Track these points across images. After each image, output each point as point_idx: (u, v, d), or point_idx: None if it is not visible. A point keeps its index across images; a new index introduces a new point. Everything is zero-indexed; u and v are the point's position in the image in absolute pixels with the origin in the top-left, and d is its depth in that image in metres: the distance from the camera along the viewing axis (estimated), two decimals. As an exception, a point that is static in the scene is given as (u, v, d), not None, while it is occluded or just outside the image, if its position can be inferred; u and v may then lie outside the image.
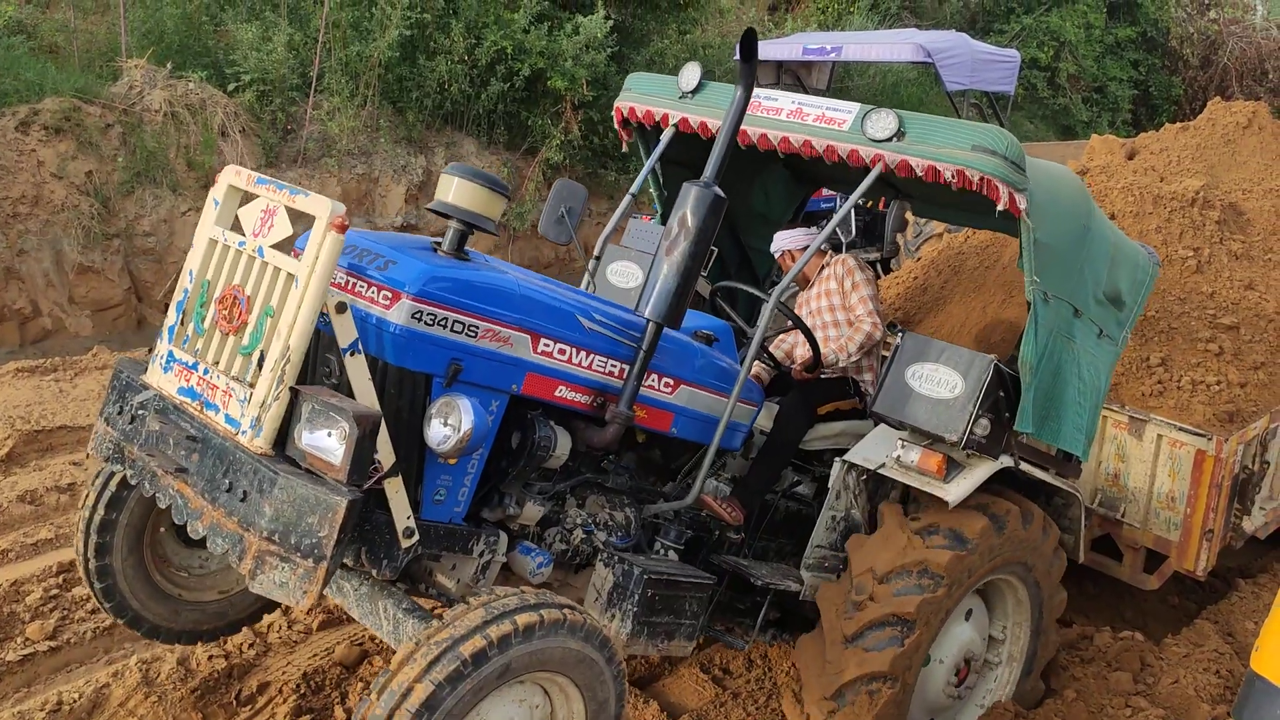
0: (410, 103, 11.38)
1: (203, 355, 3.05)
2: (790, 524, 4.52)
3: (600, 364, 3.53)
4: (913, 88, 16.70)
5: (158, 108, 9.57)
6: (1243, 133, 6.69)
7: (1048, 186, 3.87)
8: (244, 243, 3.01)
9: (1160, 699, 4.62)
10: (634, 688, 4.57)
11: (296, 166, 10.56)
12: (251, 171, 3.08)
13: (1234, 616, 5.39)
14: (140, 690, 4.09)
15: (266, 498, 2.74)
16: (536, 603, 2.88)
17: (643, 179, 4.64)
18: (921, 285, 5.94)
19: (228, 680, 4.26)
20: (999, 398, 3.90)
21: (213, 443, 2.91)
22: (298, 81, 10.75)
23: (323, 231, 2.78)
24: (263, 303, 2.91)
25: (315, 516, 2.70)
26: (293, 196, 2.91)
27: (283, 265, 2.89)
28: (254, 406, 2.83)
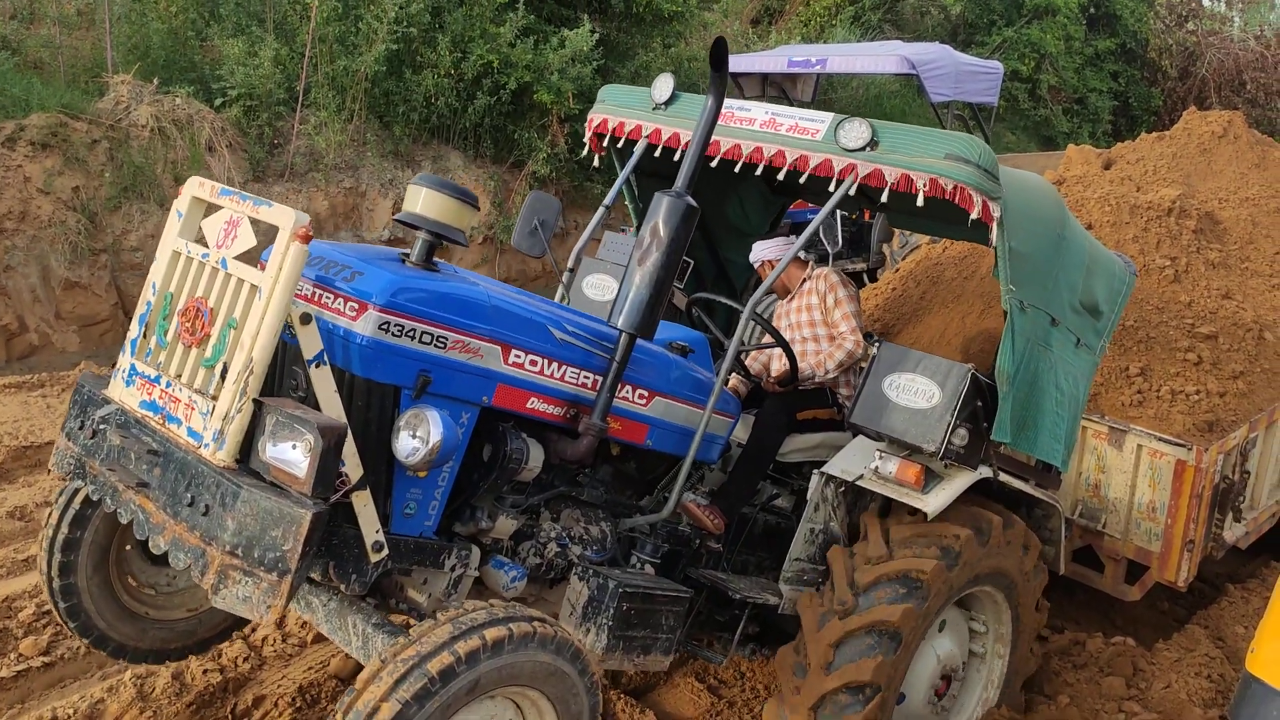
0: (397, 117, 11.39)
1: (165, 368, 3.00)
2: (769, 537, 4.49)
3: (573, 375, 3.50)
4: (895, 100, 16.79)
5: (144, 123, 9.57)
6: (1218, 142, 6.72)
7: (1021, 195, 3.86)
8: (207, 254, 2.97)
9: (1153, 704, 4.65)
10: (630, 697, 4.58)
11: (283, 181, 10.56)
12: (215, 183, 3.04)
13: (1224, 621, 5.43)
14: (135, 705, 4.06)
15: (229, 511, 2.69)
16: (505, 616, 2.84)
17: (616, 191, 4.63)
18: (900, 296, 5.93)
19: (223, 694, 4.25)
20: (977, 407, 3.88)
21: (175, 456, 2.86)
22: (284, 96, 10.75)
23: (286, 242, 2.75)
24: (226, 315, 2.88)
25: (279, 530, 2.66)
26: (256, 207, 2.88)
27: (246, 276, 2.85)
28: (216, 419, 2.79)
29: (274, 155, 10.67)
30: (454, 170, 11.76)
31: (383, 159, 11.30)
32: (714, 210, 5.48)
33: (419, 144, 11.77)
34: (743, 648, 4.34)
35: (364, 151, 11.16)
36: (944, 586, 3.85)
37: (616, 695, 4.59)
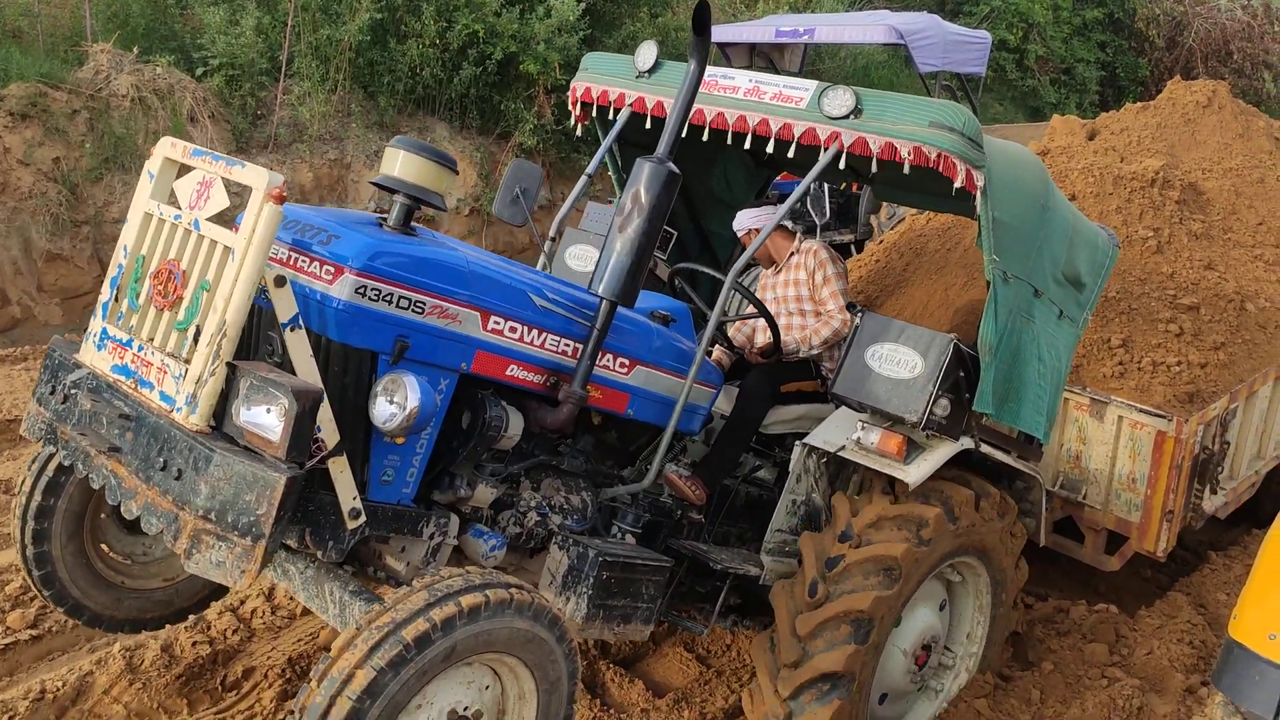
0: (382, 87, 11.28)
1: (137, 332, 2.96)
2: (751, 509, 4.49)
3: (553, 343, 3.47)
4: (883, 70, 16.71)
5: (125, 93, 9.45)
6: (1202, 112, 6.70)
7: (1005, 165, 3.84)
8: (179, 216, 2.92)
9: (1135, 669, 4.70)
10: (619, 667, 4.60)
11: (267, 152, 10.45)
12: (187, 143, 2.99)
13: (1205, 588, 5.49)
14: (124, 678, 4.04)
15: (202, 476, 2.66)
16: (482, 583, 2.82)
17: (599, 160, 4.58)
18: (883, 267, 5.91)
19: (212, 666, 4.24)
20: (959, 378, 3.87)
21: (147, 421, 2.83)
22: (267, 66, 10.62)
23: (259, 203, 2.70)
24: (199, 277, 2.83)
25: (253, 494, 2.63)
26: (229, 168, 2.83)
27: (219, 238, 2.81)
28: (189, 383, 2.75)
29: (257, 126, 10.55)
30: (440, 141, 11.64)
31: (368, 130, 11.19)
32: (698, 182, 5.44)
33: (404, 115, 11.65)
34: (724, 619, 4.34)
35: (348, 122, 11.04)
36: (920, 564, 3.85)
37: (605, 665, 4.61)
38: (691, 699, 4.44)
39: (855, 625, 3.66)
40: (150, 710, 3.97)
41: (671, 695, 4.45)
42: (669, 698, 4.43)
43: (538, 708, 3.02)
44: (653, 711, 4.33)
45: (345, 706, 2.53)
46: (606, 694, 4.48)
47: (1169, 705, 4.43)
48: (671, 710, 4.34)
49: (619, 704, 4.41)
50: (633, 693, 4.45)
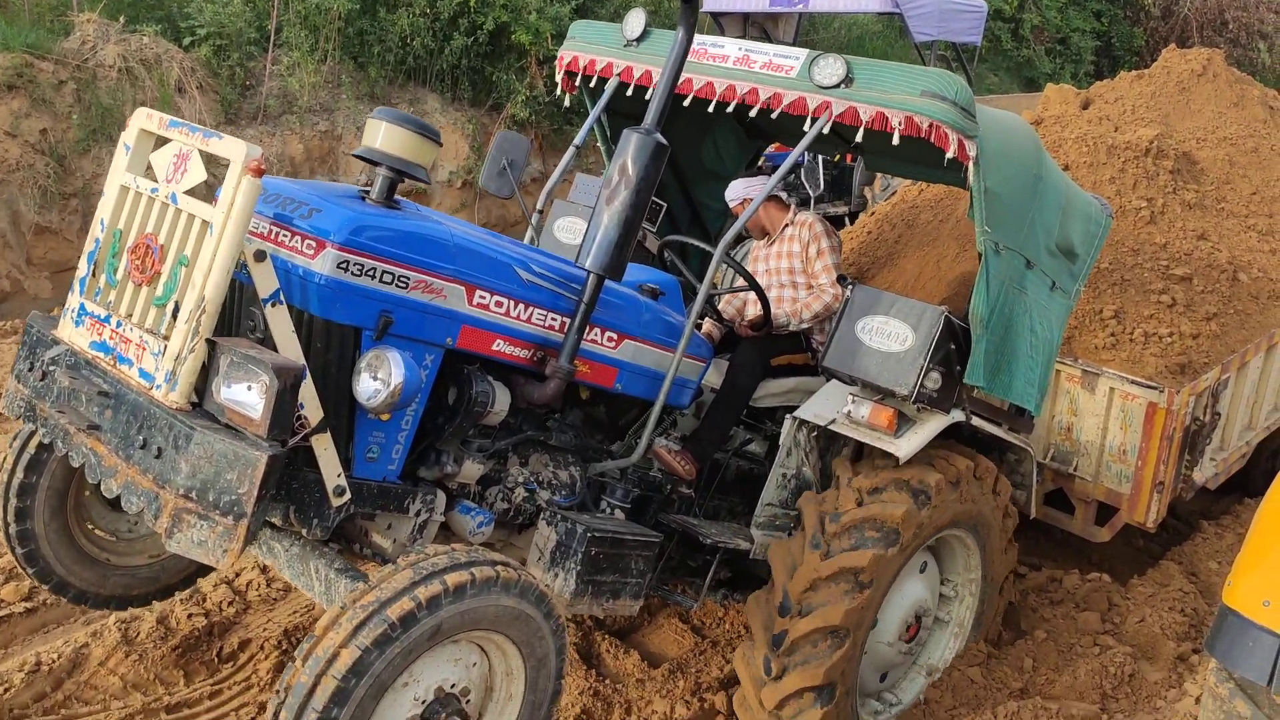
0: (372, 58, 11.15)
1: (115, 308, 2.91)
2: (741, 483, 4.46)
3: (540, 317, 3.43)
4: (877, 41, 16.56)
5: (111, 63, 9.32)
6: (1197, 80, 6.64)
7: (998, 134, 3.79)
8: (156, 189, 2.87)
9: (1127, 637, 4.73)
10: (614, 638, 4.61)
11: (256, 124, 10.34)
12: (164, 115, 2.93)
13: (1197, 557, 5.52)
14: (120, 649, 4.04)
15: (183, 454, 2.63)
16: (468, 561, 2.79)
17: (586, 131, 4.51)
18: (875, 239, 5.87)
19: (208, 638, 4.24)
20: (950, 350, 3.84)
21: (126, 398, 2.79)
22: (255, 35, 10.49)
23: (237, 176, 2.65)
24: (177, 251, 2.78)
25: (234, 472, 2.59)
26: (206, 140, 2.78)
27: (197, 212, 2.75)
28: (168, 359, 2.70)
29: (246, 97, 10.42)
30: (431, 113, 11.54)
31: (358, 101, 11.06)
32: (688, 153, 5.38)
33: (395, 86, 11.53)
34: (714, 593, 4.33)
35: (339, 93, 10.92)
36: (917, 531, 3.84)
37: (601, 636, 4.62)
38: (687, 669, 4.47)
39: (853, 582, 3.66)
40: (147, 682, 3.98)
41: (667, 666, 4.47)
42: (664, 668, 4.45)
43: (525, 684, 3.01)
44: (648, 682, 4.35)
45: (330, 686, 2.52)
46: (602, 665, 4.49)
47: (1160, 672, 4.47)
48: (667, 680, 4.36)
49: (614, 674, 4.43)
50: (628, 663, 4.47)
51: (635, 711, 4.18)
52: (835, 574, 3.68)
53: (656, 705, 4.19)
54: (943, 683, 4.34)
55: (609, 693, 4.24)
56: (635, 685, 4.34)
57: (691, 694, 4.29)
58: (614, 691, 4.26)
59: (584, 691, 4.19)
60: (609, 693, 4.24)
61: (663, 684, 4.33)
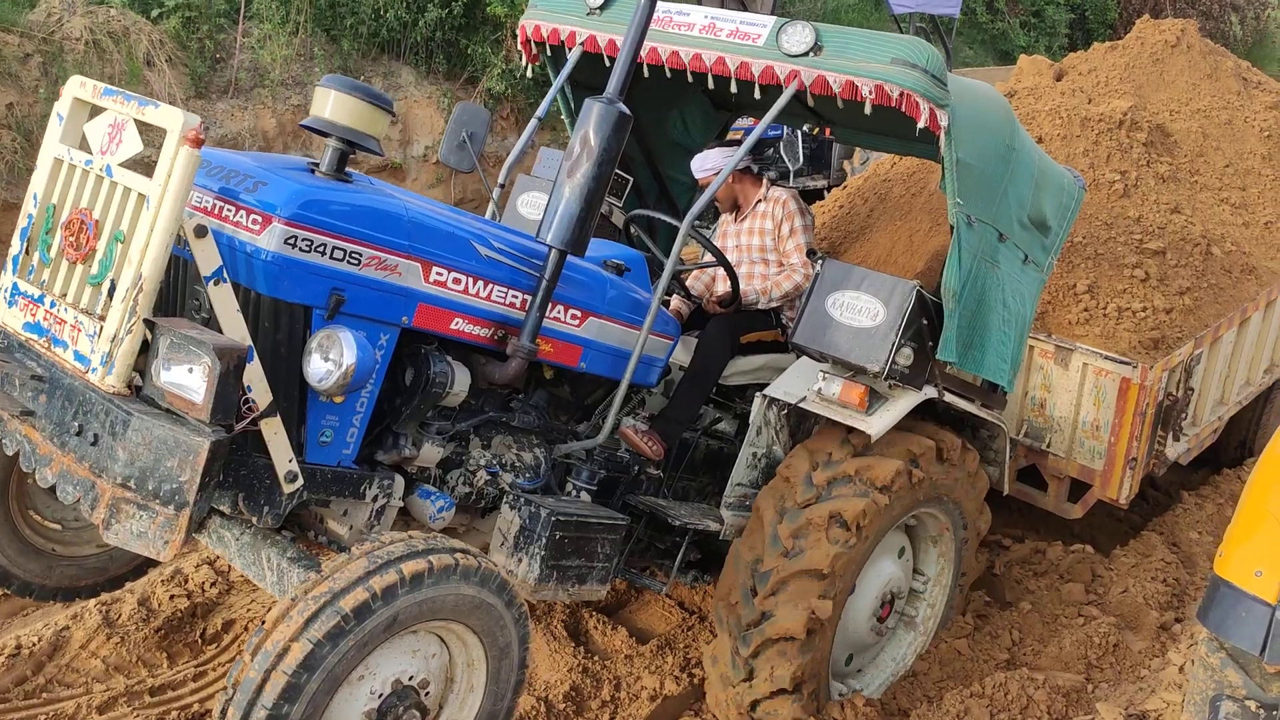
0: (345, 30, 10.94)
1: (49, 287, 2.77)
2: (711, 462, 4.38)
3: (500, 294, 3.31)
4: (853, 14, 16.45)
5: (79, 36, 9.08)
6: (1171, 52, 6.58)
7: (970, 104, 3.70)
8: (91, 161, 2.72)
9: (1111, 608, 4.76)
10: (601, 614, 4.58)
11: (228, 97, 10.13)
12: (98, 83, 2.78)
13: (1178, 527, 5.57)
14: (101, 632, 3.95)
15: (120, 440, 2.50)
16: (425, 548, 2.69)
17: (549, 102, 4.38)
18: (848, 213, 5.77)
19: (191, 619, 4.17)
20: (922, 326, 3.76)
21: (61, 382, 2.65)
22: (225, 7, 10.28)
23: (175, 146, 2.51)
24: (113, 227, 2.65)
25: (175, 460, 2.47)
26: (142, 108, 2.63)
27: (133, 185, 2.62)
28: (104, 341, 2.57)
29: (217, 70, 10.20)
30: (405, 86, 11.36)
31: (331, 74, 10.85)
32: (655, 126, 5.26)
33: (368, 59, 11.32)
34: (684, 574, 4.25)
35: (311, 67, 10.69)
36: (882, 517, 3.77)
37: (588, 613, 4.59)
38: (675, 645, 4.44)
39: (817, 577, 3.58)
40: (129, 664, 3.90)
41: (655, 642, 4.45)
42: (652, 644, 4.43)
43: (487, 675, 2.92)
44: (636, 658, 4.33)
45: (280, 681, 2.41)
46: (590, 642, 4.47)
47: (1144, 642, 4.51)
48: (655, 656, 4.34)
49: (602, 651, 4.40)
50: (616, 640, 4.44)
51: (624, 688, 4.16)
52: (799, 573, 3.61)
53: (646, 681, 4.18)
54: (930, 655, 4.35)
55: (598, 669, 4.22)
56: (624, 662, 4.32)
57: (680, 669, 4.27)
58: (603, 668, 4.24)
59: (573, 669, 4.16)
60: (598, 669, 4.22)
61: (651, 660, 4.32)
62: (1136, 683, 4.15)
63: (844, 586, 3.73)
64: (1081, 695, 4.08)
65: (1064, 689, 4.07)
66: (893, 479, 3.75)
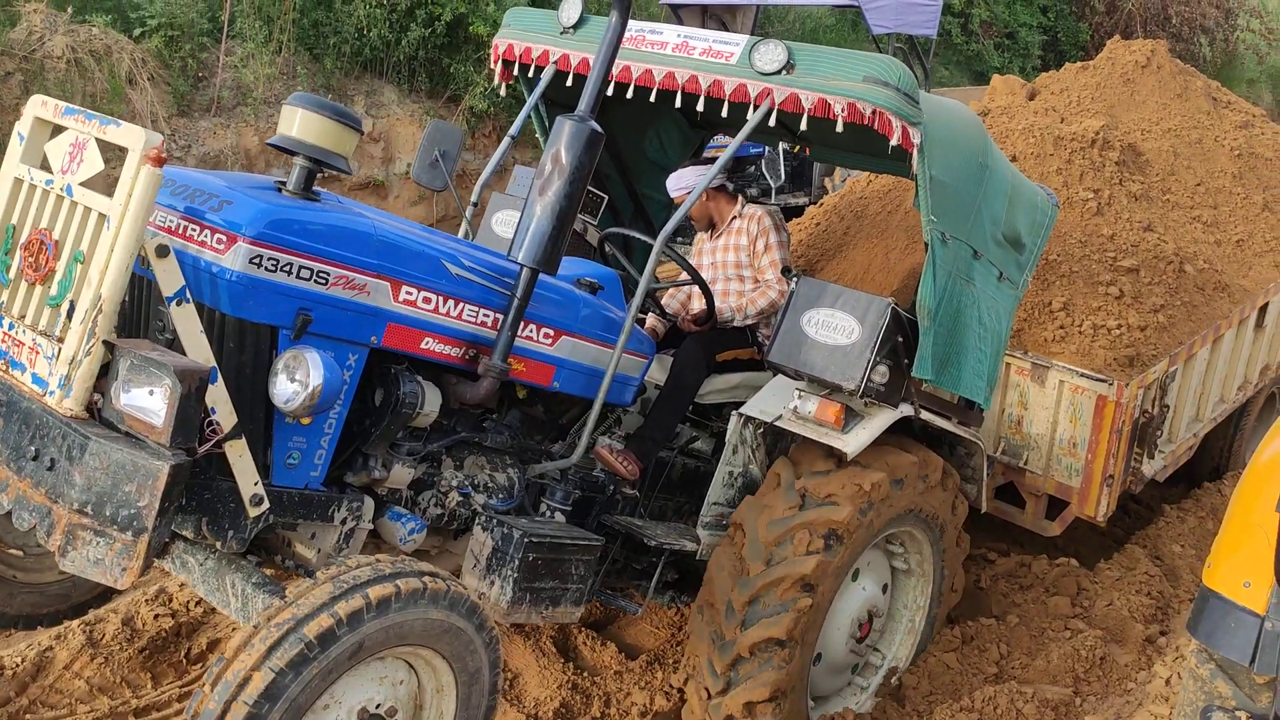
0: (328, 49, 10.93)
1: (7, 309, 2.72)
2: (688, 481, 4.35)
3: (471, 313, 3.27)
4: (831, 35, 16.58)
5: (60, 54, 9.03)
6: (1141, 72, 6.64)
7: (943, 121, 3.70)
8: (51, 181, 2.67)
9: (1096, 620, 4.79)
10: (591, 630, 4.59)
11: (210, 116, 10.10)
12: (60, 102, 2.73)
13: (1161, 540, 5.60)
14: (85, 652, 3.90)
15: (77, 465, 2.44)
16: (392, 572, 2.64)
17: (522, 121, 4.37)
18: (824, 231, 5.78)
19: (176, 639, 4.12)
20: (898, 343, 3.75)
21: (18, 405, 2.59)
22: (208, 26, 10.25)
23: (136, 165, 2.47)
24: (72, 247, 2.60)
25: (133, 484, 2.41)
26: (104, 127, 2.59)
27: (94, 205, 2.57)
28: (63, 363, 2.52)
29: (199, 89, 10.16)
30: (388, 104, 11.35)
31: (314, 93, 10.80)
32: (631, 145, 5.25)
33: (351, 78, 11.31)
34: (662, 595, 4.21)
35: (294, 85, 10.67)
36: (861, 532, 3.75)
37: (578, 629, 4.57)
38: (664, 661, 4.42)
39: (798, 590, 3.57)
40: (113, 684, 3.84)
41: (644, 657, 4.43)
42: (642, 660, 4.41)
43: (457, 701, 2.86)
44: (626, 674, 4.32)
45: (241, 712, 2.35)
46: (579, 657, 4.44)
47: (1130, 655, 4.53)
48: (645, 672, 4.32)
49: (592, 667, 4.38)
50: (605, 655, 4.42)
51: (614, 704, 4.13)
52: (778, 583, 3.58)
53: (635, 697, 4.16)
54: (918, 669, 4.34)
55: (587, 685, 4.20)
56: (613, 678, 4.30)
57: (670, 685, 4.24)
58: (592, 684, 4.22)
59: (562, 685, 4.14)
60: (587, 685, 4.20)
61: (641, 675, 4.30)
62: (1124, 695, 4.16)
63: (826, 597, 3.69)
64: (1070, 708, 4.08)
65: (1052, 702, 4.06)
66: (874, 490, 3.73)
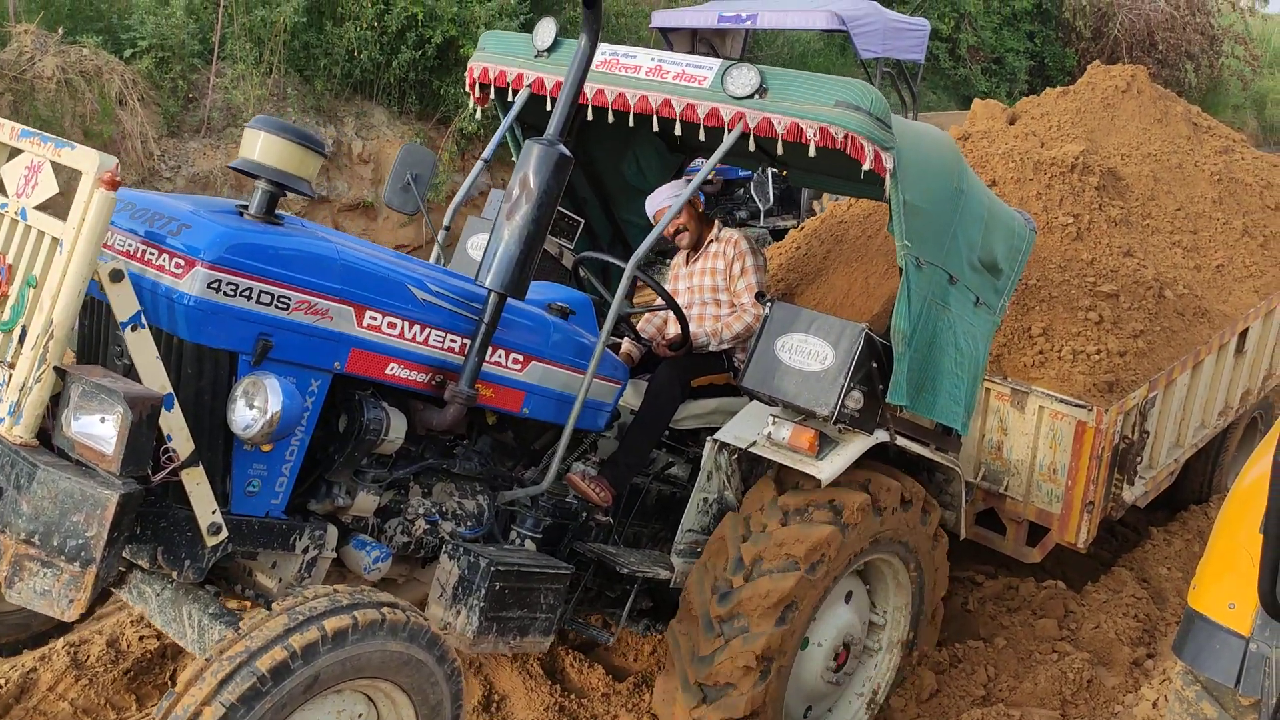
0: (318, 71, 10.93)
1: (-41, 334, 2.67)
2: (663, 508, 4.31)
3: (438, 339, 3.24)
4: (819, 59, 16.66)
5: (50, 75, 8.99)
6: (1122, 97, 6.65)
7: (916, 146, 3.69)
8: (5, 204, 2.64)
9: (1084, 643, 4.80)
10: (578, 652, 4.56)
11: (200, 136, 10.09)
12: (16, 125, 2.70)
13: (1148, 563, 5.61)
14: (70, 674, 3.87)
15: (24, 494, 2.39)
16: (350, 603, 2.59)
17: (495, 144, 4.35)
18: (804, 255, 5.75)
19: (161, 660, 4.08)
20: (872, 369, 3.72)
21: (-33, 433, 2.54)
22: (199, 48, 10.25)
23: (89, 189, 2.43)
24: (25, 272, 2.56)
25: (81, 514, 2.36)
26: (59, 150, 2.56)
27: (47, 229, 2.53)
28: (13, 390, 2.47)
29: (189, 109, 10.16)
30: (378, 126, 11.37)
31: (304, 114, 10.83)
32: (610, 169, 5.24)
33: (341, 99, 11.32)
34: (636, 623, 4.16)
35: (284, 106, 10.67)
36: (839, 556, 3.71)
37: (564, 650, 4.54)
38: (652, 682, 4.36)
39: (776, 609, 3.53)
40: (98, 707, 3.80)
41: (632, 679, 4.40)
42: (629, 682, 4.38)
43: (417, 734, 2.80)
44: (613, 696, 4.28)
45: (190, 747, 2.29)
46: (566, 680, 4.40)
47: (1117, 677, 4.52)
48: (632, 694, 4.28)
49: (579, 689, 4.34)
50: (592, 677, 4.39)
51: None
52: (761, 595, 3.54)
53: (623, 719, 4.13)
54: (906, 691, 4.31)
55: (574, 708, 4.16)
56: (600, 700, 4.26)
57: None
58: (579, 706, 4.18)
59: (549, 707, 4.11)
60: (574, 708, 4.16)
61: (628, 698, 4.27)
62: (1111, 718, 4.16)
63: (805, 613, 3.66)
64: (1058, 732, 4.07)
65: (1040, 725, 4.05)
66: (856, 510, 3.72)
